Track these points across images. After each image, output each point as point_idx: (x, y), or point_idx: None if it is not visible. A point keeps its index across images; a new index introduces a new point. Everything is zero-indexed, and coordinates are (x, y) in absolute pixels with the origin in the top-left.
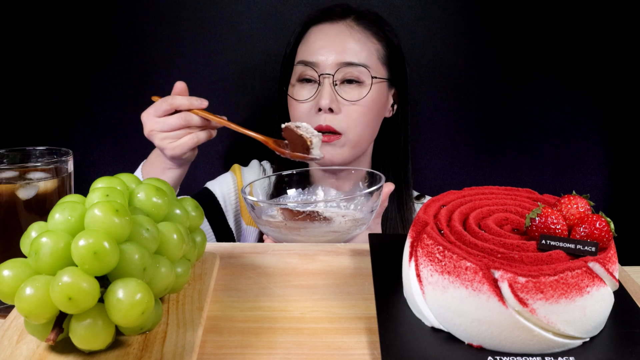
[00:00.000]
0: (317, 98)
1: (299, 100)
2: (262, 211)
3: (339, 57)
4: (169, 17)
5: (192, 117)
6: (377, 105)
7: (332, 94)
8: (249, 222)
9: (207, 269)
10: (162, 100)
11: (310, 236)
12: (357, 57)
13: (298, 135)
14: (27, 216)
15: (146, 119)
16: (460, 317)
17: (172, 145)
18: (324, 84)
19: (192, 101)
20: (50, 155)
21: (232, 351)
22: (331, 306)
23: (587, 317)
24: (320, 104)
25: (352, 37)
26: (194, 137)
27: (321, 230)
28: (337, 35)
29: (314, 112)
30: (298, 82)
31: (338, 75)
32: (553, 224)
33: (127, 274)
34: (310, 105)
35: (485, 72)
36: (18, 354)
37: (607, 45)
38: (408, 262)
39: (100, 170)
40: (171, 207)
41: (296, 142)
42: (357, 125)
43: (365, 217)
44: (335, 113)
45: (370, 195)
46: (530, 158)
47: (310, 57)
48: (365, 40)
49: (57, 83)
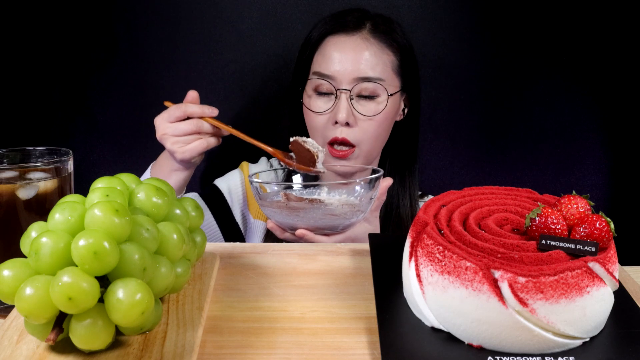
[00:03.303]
0: (334, 112)
1: (316, 112)
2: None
3: (355, 71)
4: (169, 17)
5: (202, 124)
6: (391, 116)
7: (348, 109)
8: (256, 216)
9: (207, 269)
10: (175, 107)
11: (310, 218)
12: (373, 71)
13: (305, 149)
14: (27, 216)
15: (159, 124)
16: (460, 317)
17: (183, 149)
18: (340, 98)
19: (204, 109)
20: (50, 155)
21: (232, 351)
22: (331, 306)
23: (587, 317)
24: (337, 118)
25: (368, 50)
26: (203, 143)
27: (319, 212)
28: (354, 48)
29: (330, 124)
30: (315, 94)
31: (355, 90)
32: (553, 224)
33: (127, 274)
34: (327, 118)
35: (485, 72)
36: (18, 354)
37: (607, 45)
38: (408, 262)
39: (100, 170)
40: (171, 207)
41: (303, 155)
42: (371, 137)
43: (362, 204)
44: (351, 126)
45: (368, 184)
46: (530, 158)
47: (327, 70)
48: (380, 53)
49: (57, 83)
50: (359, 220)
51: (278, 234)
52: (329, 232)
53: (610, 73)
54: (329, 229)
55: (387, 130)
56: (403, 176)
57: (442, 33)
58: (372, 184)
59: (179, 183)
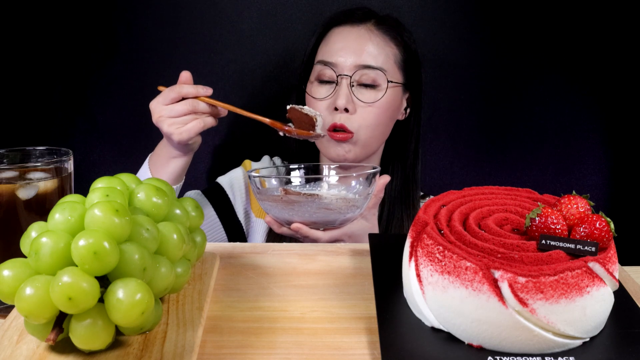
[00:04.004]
0: (334, 97)
1: (317, 98)
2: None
3: (357, 59)
4: (169, 17)
5: (198, 104)
6: (391, 108)
7: (348, 95)
8: (258, 215)
9: (207, 269)
10: (170, 89)
11: (304, 212)
12: (375, 61)
13: (304, 114)
14: (27, 216)
15: (154, 107)
16: (460, 317)
17: (180, 130)
18: (341, 85)
19: (199, 89)
20: (50, 155)
21: (232, 351)
22: (331, 306)
23: (587, 317)
24: (336, 104)
25: (371, 41)
26: (200, 122)
27: (314, 206)
28: (357, 38)
29: (330, 110)
30: (316, 81)
31: (356, 76)
32: (553, 224)
33: (127, 274)
34: (327, 104)
35: (485, 72)
36: (18, 354)
37: (608, 46)
38: (408, 262)
39: (100, 170)
40: (171, 207)
41: (302, 120)
42: (369, 126)
43: (357, 199)
44: (351, 113)
45: (365, 180)
46: (530, 158)
47: (330, 58)
48: (384, 45)
49: (57, 83)
50: (355, 216)
51: (275, 228)
52: (325, 227)
53: (611, 73)
54: (324, 224)
55: (386, 123)
56: (406, 178)
57: (442, 33)
58: (369, 180)
59: (178, 170)
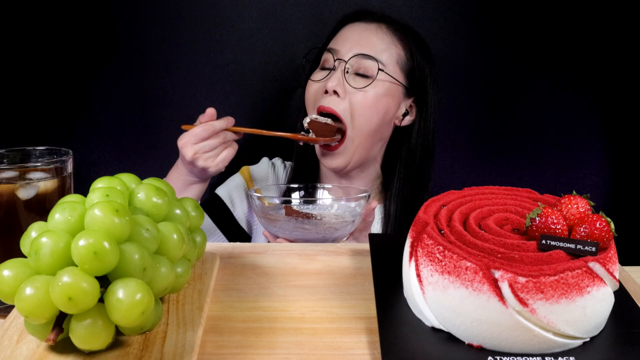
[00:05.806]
0: (326, 80)
1: (313, 80)
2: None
3: (358, 48)
4: (169, 17)
5: (226, 134)
6: (383, 102)
7: (340, 78)
8: None
9: (207, 269)
10: (202, 130)
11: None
12: (374, 52)
13: (322, 124)
14: (27, 216)
15: (187, 148)
16: (460, 317)
17: (215, 162)
18: (337, 69)
19: (227, 122)
20: (50, 155)
21: (232, 351)
22: (331, 306)
23: (587, 317)
24: (327, 86)
25: (377, 36)
26: (231, 150)
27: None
28: (365, 31)
29: (321, 93)
30: (319, 68)
31: (351, 62)
32: (553, 224)
33: (127, 274)
34: (320, 86)
35: (486, 73)
36: (18, 354)
37: (608, 47)
38: (408, 262)
39: (100, 170)
40: (171, 207)
41: (322, 129)
42: (360, 116)
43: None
44: (341, 98)
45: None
46: (530, 158)
47: (334, 46)
48: (390, 43)
49: (57, 83)
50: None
51: (270, 240)
52: None
53: (611, 73)
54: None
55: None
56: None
57: (442, 33)
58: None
59: (197, 195)
